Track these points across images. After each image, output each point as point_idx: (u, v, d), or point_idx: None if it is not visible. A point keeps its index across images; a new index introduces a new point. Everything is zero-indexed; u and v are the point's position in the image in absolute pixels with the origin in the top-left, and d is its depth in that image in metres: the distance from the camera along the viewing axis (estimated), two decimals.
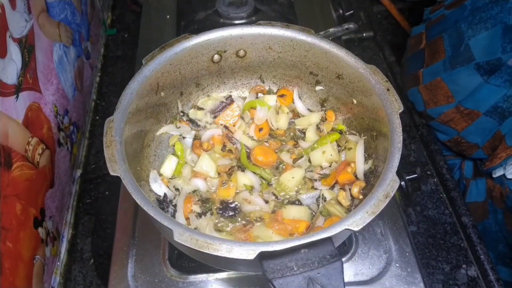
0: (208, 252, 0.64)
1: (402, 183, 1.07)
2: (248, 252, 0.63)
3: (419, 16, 1.76)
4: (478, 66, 1.14)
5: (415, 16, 1.76)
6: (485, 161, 1.27)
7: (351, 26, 1.46)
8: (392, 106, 0.83)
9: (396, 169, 0.74)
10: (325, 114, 1.04)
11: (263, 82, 1.09)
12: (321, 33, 1.41)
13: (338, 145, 0.99)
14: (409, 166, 1.27)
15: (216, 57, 0.99)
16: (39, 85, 1.00)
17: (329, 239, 0.66)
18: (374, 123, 0.89)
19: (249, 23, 1.03)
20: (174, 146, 1.00)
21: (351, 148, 0.95)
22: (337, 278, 0.64)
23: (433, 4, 1.37)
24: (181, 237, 0.65)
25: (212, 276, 0.94)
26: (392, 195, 0.70)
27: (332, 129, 1.01)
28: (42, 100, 1.01)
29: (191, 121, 1.04)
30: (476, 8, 1.15)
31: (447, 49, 1.22)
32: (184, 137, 1.02)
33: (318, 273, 0.64)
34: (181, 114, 1.04)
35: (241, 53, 1.00)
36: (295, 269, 0.64)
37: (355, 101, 0.95)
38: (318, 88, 1.03)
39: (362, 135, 0.95)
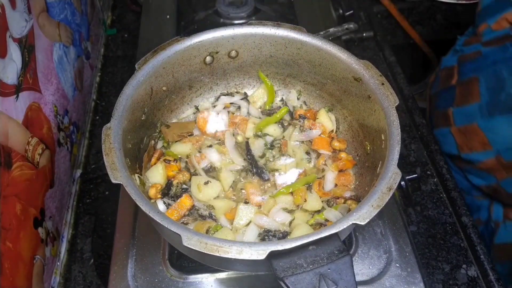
0: (218, 255, 0.64)
1: (402, 183, 1.07)
2: (258, 253, 0.64)
3: (419, 16, 1.76)
4: None
5: (415, 16, 1.77)
6: None
7: (351, 26, 1.46)
8: (388, 100, 0.83)
9: (396, 161, 0.74)
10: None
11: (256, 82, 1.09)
12: (321, 33, 1.41)
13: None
14: (409, 166, 1.26)
15: (208, 58, 0.99)
16: (39, 85, 1.00)
17: (335, 235, 0.67)
18: (369, 117, 0.90)
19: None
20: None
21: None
22: (348, 272, 0.64)
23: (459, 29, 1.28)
24: (190, 242, 0.65)
25: (212, 276, 0.94)
26: (395, 187, 0.71)
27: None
28: (42, 100, 1.01)
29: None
30: None
31: (483, 92, 1.14)
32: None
33: (329, 269, 0.64)
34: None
35: (233, 53, 1.00)
36: (305, 266, 0.65)
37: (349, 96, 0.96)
38: (312, 85, 1.04)
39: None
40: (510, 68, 1.08)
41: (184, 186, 0.94)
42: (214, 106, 1.08)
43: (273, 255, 0.64)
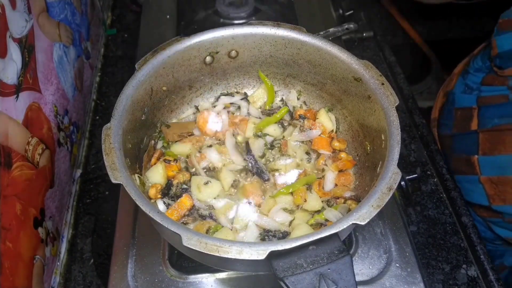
0: (218, 255, 0.64)
1: (402, 183, 1.07)
2: (258, 253, 0.64)
3: (419, 16, 1.76)
4: None
5: (415, 16, 1.77)
6: None
7: (351, 26, 1.46)
8: (388, 100, 0.83)
9: (396, 161, 0.74)
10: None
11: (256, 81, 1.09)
12: (321, 33, 1.41)
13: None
14: (409, 166, 1.27)
15: (208, 58, 0.99)
16: (39, 85, 1.00)
17: (335, 235, 0.67)
18: (369, 117, 0.90)
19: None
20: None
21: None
22: (347, 272, 0.64)
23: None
24: (190, 242, 0.65)
25: (212, 276, 0.94)
26: (396, 187, 0.71)
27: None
28: (42, 100, 1.01)
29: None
30: None
31: None
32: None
33: (329, 269, 0.64)
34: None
35: (233, 53, 1.00)
36: (305, 266, 0.65)
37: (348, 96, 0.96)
38: (312, 85, 1.04)
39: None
40: None
41: (184, 186, 0.94)
42: (214, 106, 1.08)
43: (273, 255, 0.64)
